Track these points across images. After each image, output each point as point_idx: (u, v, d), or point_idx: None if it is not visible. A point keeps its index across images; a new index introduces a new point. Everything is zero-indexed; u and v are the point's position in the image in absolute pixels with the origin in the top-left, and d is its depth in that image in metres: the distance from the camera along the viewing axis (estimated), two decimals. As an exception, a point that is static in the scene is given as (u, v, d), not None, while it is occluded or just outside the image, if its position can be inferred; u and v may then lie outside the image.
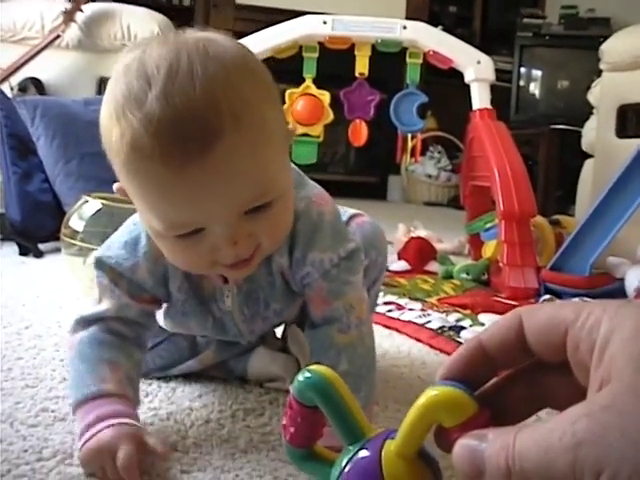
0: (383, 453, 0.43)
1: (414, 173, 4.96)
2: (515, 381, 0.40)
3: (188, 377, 0.95)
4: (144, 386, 0.91)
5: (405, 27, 1.82)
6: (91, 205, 1.45)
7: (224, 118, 0.60)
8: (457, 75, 1.95)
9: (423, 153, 4.52)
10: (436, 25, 1.96)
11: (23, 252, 1.89)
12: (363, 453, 0.44)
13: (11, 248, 1.90)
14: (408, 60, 1.86)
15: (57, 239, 1.64)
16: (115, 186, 0.71)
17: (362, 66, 1.92)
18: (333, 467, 0.45)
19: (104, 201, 1.45)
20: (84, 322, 0.78)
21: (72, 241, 1.43)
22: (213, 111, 0.60)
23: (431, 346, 1.22)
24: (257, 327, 0.85)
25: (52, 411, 0.81)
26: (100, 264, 0.78)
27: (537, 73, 4.80)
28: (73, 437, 0.74)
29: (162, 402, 0.87)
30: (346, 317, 0.78)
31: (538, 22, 4.72)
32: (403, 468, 0.42)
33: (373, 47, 1.90)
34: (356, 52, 1.93)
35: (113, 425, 0.68)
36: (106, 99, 0.65)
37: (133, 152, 0.61)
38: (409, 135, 1.93)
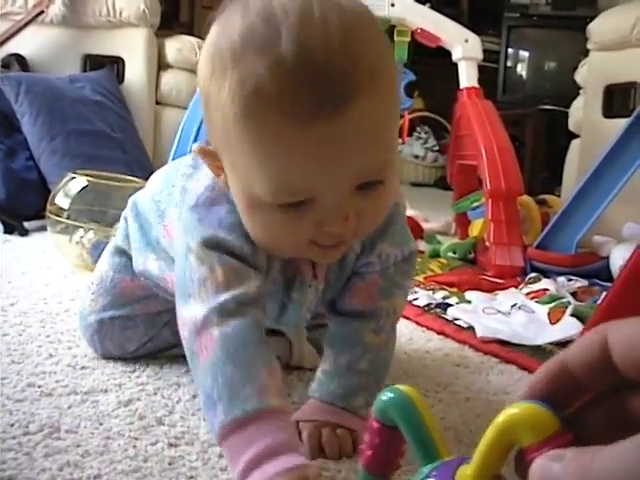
0: (457, 478, 0.40)
1: (401, 154, 4.95)
2: (599, 403, 0.38)
3: (176, 355, 0.95)
4: (131, 362, 0.91)
5: (393, 4, 1.81)
6: (77, 182, 1.44)
7: (362, 75, 0.55)
8: (444, 55, 1.94)
9: (410, 134, 4.50)
10: (424, 3, 1.94)
11: (8, 230, 1.87)
12: (435, 478, 0.41)
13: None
14: (396, 38, 1.85)
15: (42, 217, 1.63)
16: (196, 146, 0.66)
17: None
18: None
19: (90, 178, 1.44)
20: (221, 312, 0.62)
21: (58, 218, 1.42)
22: (352, 65, 0.54)
23: (418, 323, 1.22)
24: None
25: (38, 386, 0.80)
26: (214, 246, 0.65)
27: (524, 54, 4.79)
28: (60, 412, 0.74)
29: (149, 378, 0.87)
30: (384, 320, 0.77)
31: (526, 2, 4.70)
32: None
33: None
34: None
35: (284, 472, 0.53)
36: (214, 41, 0.59)
37: (256, 100, 0.54)
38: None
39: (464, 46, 1.83)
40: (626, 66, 2.05)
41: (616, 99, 2.08)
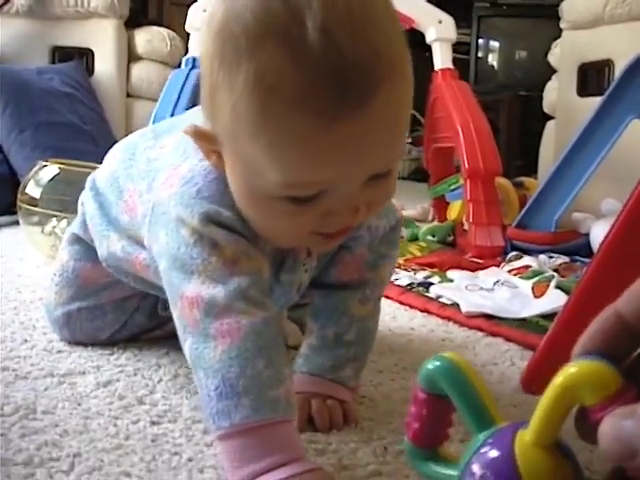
0: (517, 444, 0.38)
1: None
2: None
3: (155, 337, 0.92)
4: (109, 345, 0.88)
5: (365, -14, 1.79)
6: (48, 170, 1.40)
7: (384, 67, 0.52)
8: (415, 46, 1.91)
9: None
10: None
11: (-22, 225, 1.83)
12: (492, 446, 0.39)
13: (-35, 222, 1.85)
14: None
15: (14, 212, 1.58)
16: (189, 128, 0.61)
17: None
18: (462, 458, 0.41)
19: (62, 166, 1.40)
20: (246, 300, 0.58)
21: (30, 207, 1.39)
22: (375, 58, 0.51)
23: (401, 302, 1.21)
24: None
25: (13, 370, 0.78)
26: (216, 221, 0.61)
27: (495, 44, 4.80)
28: (36, 393, 0.72)
29: (129, 360, 0.84)
30: (370, 290, 0.76)
31: (495, -9, 4.71)
32: (542, 459, 0.37)
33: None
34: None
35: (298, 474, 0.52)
36: (223, 21, 0.53)
37: (277, 95, 0.51)
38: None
39: (438, 27, 1.82)
40: (600, 44, 2.05)
41: (590, 78, 2.08)
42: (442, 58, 1.83)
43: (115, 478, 0.56)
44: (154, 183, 0.70)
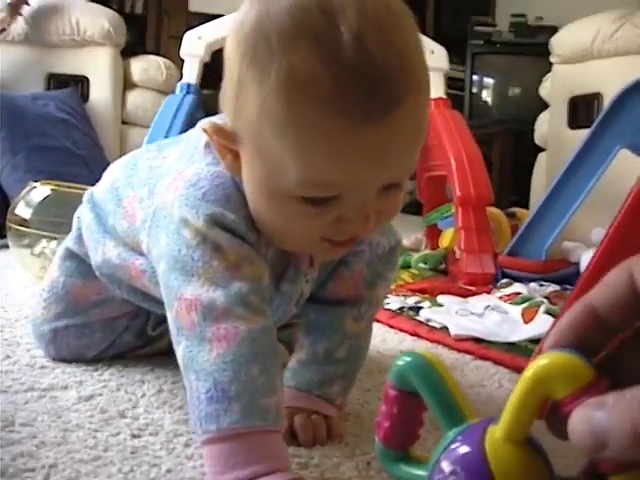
0: (487, 440, 0.37)
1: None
2: (632, 347, 0.36)
3: (140, 355, 0.91)
4: (93, 362, 0.87)
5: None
6: (39, 191, 1.40)
7: (410, 77, 0.53)
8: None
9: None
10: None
11: (-33, 248, 1.82)
12: (462, 442, 0.38)
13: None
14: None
15: (3, 236, 1.57)
16: (207, 124, 0.61)
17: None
18: (432, 457, 0.40)
19: (53, 187, 1.40)
20: (246, 305, 0.58)
21: (19, 227, 1.38)
22: (402, 67, 0.52)
23: (390, 326, 1.20)
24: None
25: (-7, 384, 0.76)
26: (221, 224, 0.61)
27: (489, 81, 4.86)
28: (15, 407, 0.70)
29: (112, 375, 0.83)
30: (365, 308, 0.75)
31: (489, 30, 4.79)
32: (513, 455, 0.36)
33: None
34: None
35: None
36: (257, 20, 0.55)
37: (308, 94, 0.52)
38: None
39: (430, 57, 1.81)
40: (589, 78, 2.08)
41: (580, 110, 2.11)
42: (435, 87, 1.84)
43: (91, 488, 0.55)
44: (155, 189, 0.70)
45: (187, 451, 0.63)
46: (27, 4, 2.31)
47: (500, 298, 1.37)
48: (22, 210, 1.40)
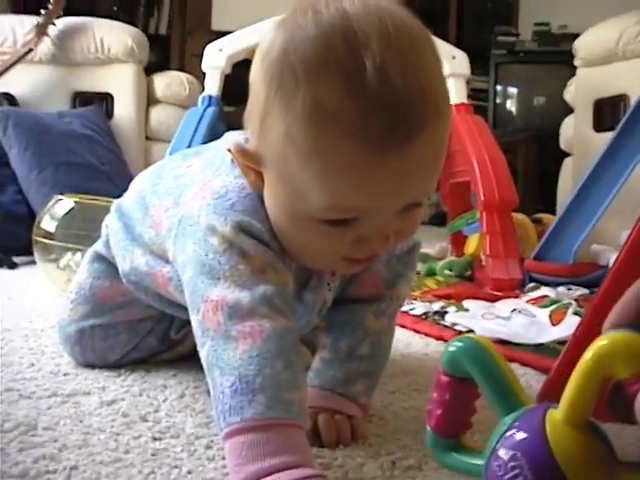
0: (548, 423, 0.36)
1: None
2: None
3: (163, 360, 0.91)
4: (116, 368, 0.87)
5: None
6: (63, 204, 1.41)
7: (430, 103, 0.54)
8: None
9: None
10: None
11: (-4, 264, 1.85)
12: (521, 427, 0.37)
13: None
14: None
15: (32, 253, 1.59)
16: (233, 145, 0.63)
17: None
18: (488, 443, 0.39)
19: (77, 199, 1.41)
20: (271, 306, 0.59)
21: (44, 240, 1.39)
22: (422, 96, 0.53)
23: (415, 330, 1.19)
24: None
25: (17, 390, 0.77)
26: (248, 232, 0.62)
27: (513, 90, 4.83)
28: (38, 412, 0.70)
29: (135, 381, 0.83)
30: (386, 304, 0.76)
31: (512, 40, 4.77)
32: (576, 438, 0.35)
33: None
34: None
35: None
36: (283, 48, 0.56)
37: (332, 124, 0.53)
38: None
39: (451, 63, 1.83)
40: (614, 80, 2.05)
41: (606, 113, 2.08)
42: (457, 93, 1.83)
43: (111, 489, 0.54)
44: (180, 198, 0.71)
45: (208, 453, 0.62)
46: (53, 24, 2.35)
47: (527, 302, 1.35)
48: (47, 223, 1.41)
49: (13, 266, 1.84)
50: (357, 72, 0.52)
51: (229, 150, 0.64)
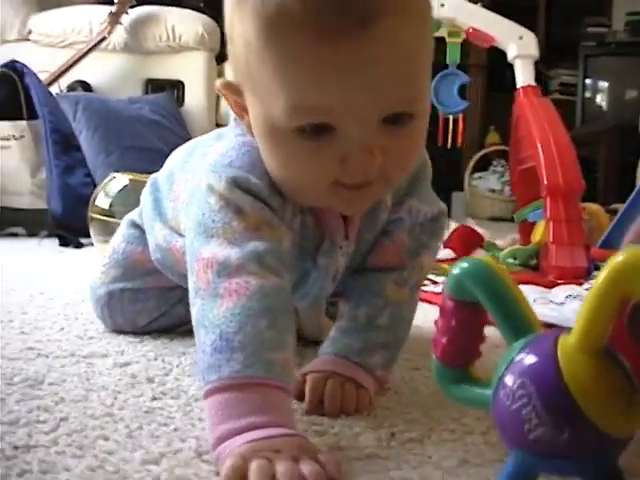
0: (559, 349, 0.33)
1: (477, 188, 4.84)
2: None
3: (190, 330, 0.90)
4: (141, 334, 0.87)
5: (443, 5, 1.75)
6: (118, 181, 1.44)
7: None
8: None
9: (486, 168, 4.40)
10: (475, 3, 1.89)
11: (63, 243, 1.91)
12: (530, 353, 0.35)
13: (50, 242, 1.93)
14: (447, 39, 1.79)
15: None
16: (219, 82, 0.64)
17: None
18: (495, 370, 0.36)
19: (131, 177, 1.43)
20: (260, 263, 0.57)
21: (98, 216, 1.42)
22: None
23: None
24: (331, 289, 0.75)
25: (38, 350, 0.78)
26: (244, 187, 0.61)
27: (603, 84, 4.62)
28: (49, 369, 0.71)
29: (156, 347, 0.83)
30: (408, 273, 0.72)
31: (603, 30, 4.55)
32: (590, 365, 0.32)
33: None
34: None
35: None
36: None
37: (280, 17, 0.52)
38: (451, 117, 1.86)
39: (518, 43, 1.75)
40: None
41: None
42: (524, 75, 1.76)
43: (92, 441, 0.53)
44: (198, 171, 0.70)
45: (203, 414, 0.60)
46: (126, 13, 2.41)
47: (588, 289, 1.28)
48: (101, 200, 1.44)
49: (79, 246, 1.89)
50: None
51: (217, 89, 0.64)
